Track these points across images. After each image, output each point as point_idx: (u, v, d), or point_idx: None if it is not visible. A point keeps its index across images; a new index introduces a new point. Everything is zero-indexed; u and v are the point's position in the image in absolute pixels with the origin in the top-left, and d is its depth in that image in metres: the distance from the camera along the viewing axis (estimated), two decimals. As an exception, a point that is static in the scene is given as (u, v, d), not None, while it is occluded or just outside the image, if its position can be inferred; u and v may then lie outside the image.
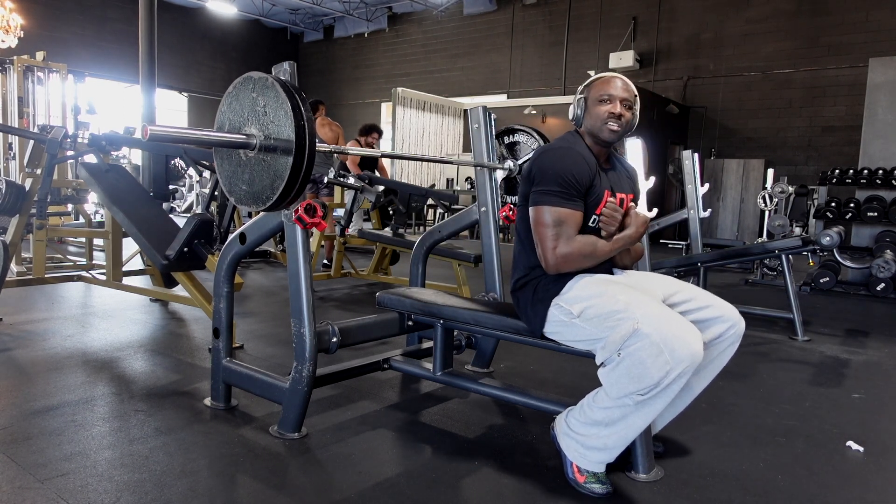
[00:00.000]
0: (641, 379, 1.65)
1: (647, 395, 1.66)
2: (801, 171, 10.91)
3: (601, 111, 1.96)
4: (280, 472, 1.89)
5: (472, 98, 14.47)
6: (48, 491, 1.72)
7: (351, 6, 16.06)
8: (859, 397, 2.85)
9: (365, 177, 5.08)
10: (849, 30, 10.63)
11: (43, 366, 2.83)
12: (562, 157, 1.91)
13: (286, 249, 2.14)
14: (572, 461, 1.83)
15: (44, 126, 3.91)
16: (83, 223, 5.40)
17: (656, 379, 1.63)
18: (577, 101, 2.03)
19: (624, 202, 2.02)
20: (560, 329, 1.89)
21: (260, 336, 3.51)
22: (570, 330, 1.85)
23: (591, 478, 1.80)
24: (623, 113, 1.95)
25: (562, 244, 1.85)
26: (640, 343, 1.65)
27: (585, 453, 1.80)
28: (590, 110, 2.00)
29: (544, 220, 1.87)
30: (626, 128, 1.97)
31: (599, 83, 2.00)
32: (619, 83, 1.98)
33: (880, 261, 5.57)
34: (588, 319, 1.79)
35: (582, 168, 1.90)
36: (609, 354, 1.73)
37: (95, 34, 14.82)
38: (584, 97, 2.03)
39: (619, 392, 1.70)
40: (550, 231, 1.86)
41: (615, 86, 1.97)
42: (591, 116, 1.99)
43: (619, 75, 2.02)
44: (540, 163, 1.94)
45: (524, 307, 1.99)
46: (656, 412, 1.73)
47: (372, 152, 2.55)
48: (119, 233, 3.86)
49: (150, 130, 1.72)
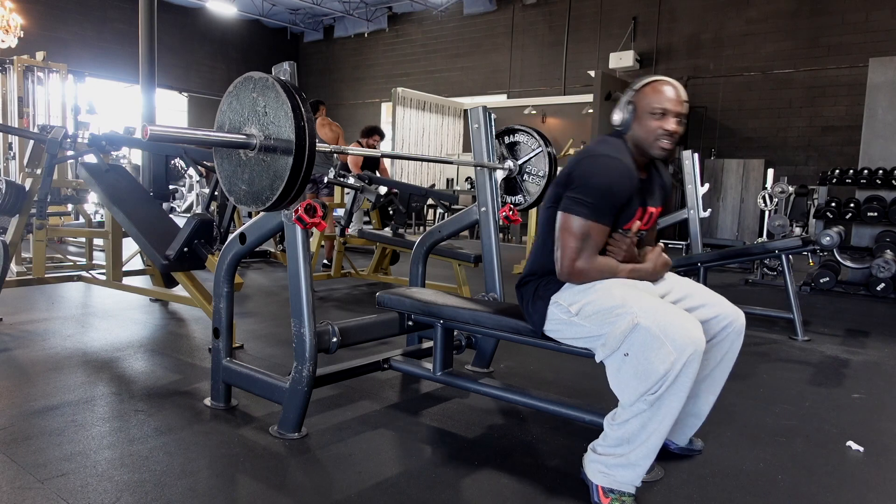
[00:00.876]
0: (648, 375, 1.62)
1: (657, 391, 1.63)
2: (801, 171, 10.90)
3: (654, 126, 1.82)
4: (280, 472, 1.89)
5: (472, 98, 14.46)
6: (48, 491, 1.72)
7: (351, 6, 16.05)
8: (859, 397, 2.85)
9: (365, 177, 5.08)
10: (849, 30, 10.63)
11: (43, 366, 2.83)
12: (609, 169, 1.79)
13: (286, 249, 2.14)
14: (598, 485, 1.74)
15: (44, 126, 3.90)
16: (83, 223, 5.41)
17: (662, 372, 1.61)
18: (625, 105, 1.88)
19: (652, 217, 1.95)
20: (559, 327, 1.88)
21: (260, 336, 3.51)
22: (570, 328, 1.85)
23: (615, 501, 1.71)
24: (676, 130, 1.82)
25: (582, 259, 1.79)
26: (640, 337, 1.64)
27: (611, 473, 1.73)
28: (640, 121, 1.85)
29: (572, 230, 1.80)
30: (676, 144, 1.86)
31: (653, 93, 1.84)
32: (674, 94, 1.83)
33: (880, 261, 5.57)
34: (587, 317, 1.78)
35: (625, 185, 1.80)
36: (610, 351, 1.71)
37: (96, 34, 14.81)
38: (633, 103, 1.87)
39: (630, 396, 1.67)
40: (574, 242, 1.79)
41: (670, 98, 1.82)
42: (642, 128, 1.84)
43: (672, 82, 1.86)
44: (584, 168, 1.82)
45: (526, 304, 1.98)
46: (673, 414, 1.66)
47: (372, 152, 2.56)
48: (119, 233, 3.86)
49: (150, 130, 1.72)
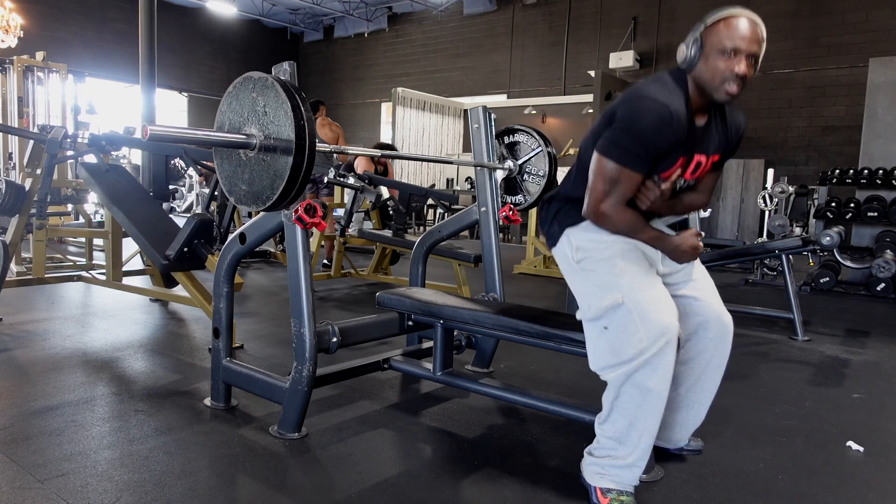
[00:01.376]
0: (619, 354, 1.69)
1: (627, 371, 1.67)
2: (801, 171, 10.90)
3: (721, 68, 1.63)
4: (280, 472, 1.89)
5: (472, 98, 14.46)
6: (48, 491, 1.72)
7: (351, 6, 16.05)
8: (859, 397, 2.85)
9: (365, 176, 5.08)
10: (849, 30, 10.62)
11: (43, 366, 2.83)
12: (650, 113, 1.63)
13: (286, 249, 2.14)
14: (595, 486, 1.76)
15: (44, 126, 3.90)
16: (83, 223, 5.40)
17: (630, 355, 1.66)
18: (693, 40, 1.68)
19: (701, 166, 1.81)
20: (561, 261, 1.91)
21: (260, 336, 3.51)
22: (567, 268, 1.88)
23: (614, 501, 1.72)
24: (747, 73, 1.62)
25: (609, 202, 1.71)
26: (621, 317, 1.69)
27: (607, 473, 1.75)
28: (707, 60, 1.65)
29: (603, 171, 1.71)
30: (744, 88, 1.66)
31: (725, 28, 1.63)
32: (749, 31, 1.62)
33: (880, 261, 5.56)
34: (583, 270, 1.81)
35: (665, 133, 1.64)
36: (591, 318, 1.76)
37: (95, 34, 14.81)
38: (700, 39, 1.67)
39: (599, 364, 1.74)
40: (604, 185, 1.71)
41: (744, 35, 1.61)
42: (708, 69, 1.65)
43: (751, 16, 1.64)
44: (626, 109, 1.68)
45: (545, 222, 1.96)
46: (657, 404, 1.68)
47: (372, 152, 2.55)
48: (119, 233, 3.86)
49: (150, 130, 1.72)
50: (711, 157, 1.81)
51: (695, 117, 1.73)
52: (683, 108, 1.67)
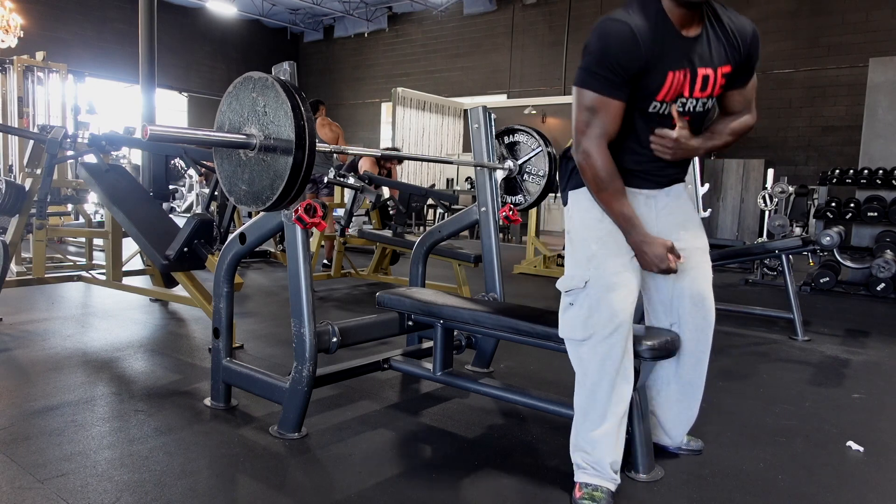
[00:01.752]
0: (574, 331, 1.77)
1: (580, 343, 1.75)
2: (801, 171, 10.91)
3: None
4: (280, 472, 1.89)
5: (472, 98, 14.46)
6: (48, 491, 1.72)
7: (351, 6, 16.05)
8: (859, 397, 2.85)
9: (365, 176, 5.08)
10: (849, 30, 10.63)
11: (43, 366, 2.83)
12: (613, 33, 1.59)
13: (286, 249, 2.14)
14: (576, 481, 1.79)
15: (44, 126, 3.90)
16: (83, 223, 5.40)
17: (580, 337, 1.75)
18: None
19: (710, 80, 1.70)
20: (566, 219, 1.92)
21: (260, 336, 3.51)
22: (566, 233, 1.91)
23: (586, 496, 1.74)
24: None
25: (589, 136, 1.66)
26: (583, 298, 1.75)
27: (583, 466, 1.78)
28: None
29: (581, 102, 1.67)
30: None
31: None
32: None
33: (880, 261, 5.56)
34: (570, 242, 1.85)
35: (632, 50, 1.58)
36: (563, 289, 1.80)
37: (95, 34, 14.81)
38: None
39: (562, 332, 1.82)
40: (581, 115, 1.67)
41: None
42: None
43: None
44: (593, 35, 1.64)
45: (562, 178, 1.94)
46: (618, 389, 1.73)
47: (372, 152, 2.55)
48: (119, 233, 3.86)
49: (150, 130, 1.72)
50: (721, 69, 1.70)
51: (682, 29, 1.65)
52: (648, 21, 1.61)
